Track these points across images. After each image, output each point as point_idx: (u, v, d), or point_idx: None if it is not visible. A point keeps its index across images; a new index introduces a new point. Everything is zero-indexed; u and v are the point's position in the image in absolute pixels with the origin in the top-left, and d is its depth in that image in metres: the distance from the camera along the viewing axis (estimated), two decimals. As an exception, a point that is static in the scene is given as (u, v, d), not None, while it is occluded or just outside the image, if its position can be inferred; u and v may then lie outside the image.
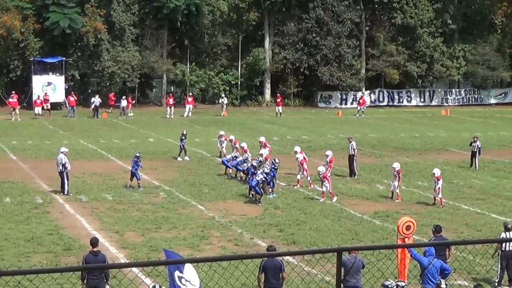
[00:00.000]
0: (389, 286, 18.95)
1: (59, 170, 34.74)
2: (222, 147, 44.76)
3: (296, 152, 38.59)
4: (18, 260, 24.31)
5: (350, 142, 41.90)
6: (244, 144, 40.80)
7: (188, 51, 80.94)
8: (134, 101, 71.74)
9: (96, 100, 68.07)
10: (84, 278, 19.05)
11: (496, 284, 22.75)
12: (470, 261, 23.83)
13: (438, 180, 32.84)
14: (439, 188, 32.91)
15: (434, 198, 33.38)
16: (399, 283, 19.11)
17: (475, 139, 44.13)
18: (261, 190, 33.61)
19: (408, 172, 40.02)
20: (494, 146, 53.91)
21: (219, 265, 19.36)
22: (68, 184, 34.62)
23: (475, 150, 43.55)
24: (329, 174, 34.63)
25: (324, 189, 33.95)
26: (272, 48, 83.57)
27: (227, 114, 72.54)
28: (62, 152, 35.25)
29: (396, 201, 34.02)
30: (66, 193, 34.20)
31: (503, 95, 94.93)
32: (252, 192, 33.93)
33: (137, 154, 36.87)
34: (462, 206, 33.49)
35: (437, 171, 33.12)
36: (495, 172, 42.81)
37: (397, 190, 34.27)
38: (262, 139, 42.80)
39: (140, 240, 27.15)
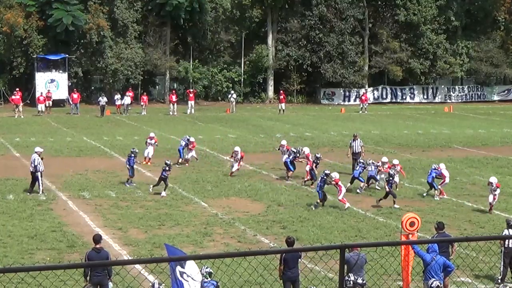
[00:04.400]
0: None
1: (31, 170, 34.27)
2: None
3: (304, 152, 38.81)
4: (21, 257, 24.35)
5: (355, 140, 41.90)
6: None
7: (191, 48, 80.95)
8: (146, 100, 71.52)
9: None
10: (87, 275, 19.08)
11: (499, 281, 22.75)
12: (473, 258, 23.84)
13: (498, 187, 31.56)
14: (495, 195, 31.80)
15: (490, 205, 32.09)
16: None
17: None
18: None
19: (411, 169, 40.07)
20: (497, 143, 53.96)
21: (222, 262, 19.43)
22: (40, 185, 34.01)
23: None
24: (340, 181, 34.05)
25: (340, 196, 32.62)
26: (275, 45, 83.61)
27: (234, 111, 72.44)
28: (36, 152, 34.75)
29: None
30: (40, 192, 33.75)
31: (506, 92, 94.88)
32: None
33: (135, 151, 37.00)
34: (465, 203, 33.53)
35: (494, 180, 31.59)
36: (499, 169, 42.78)
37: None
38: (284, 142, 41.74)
39: (143, 237, 27.18)
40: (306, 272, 21.13)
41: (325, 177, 32.58)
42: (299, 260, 20.14)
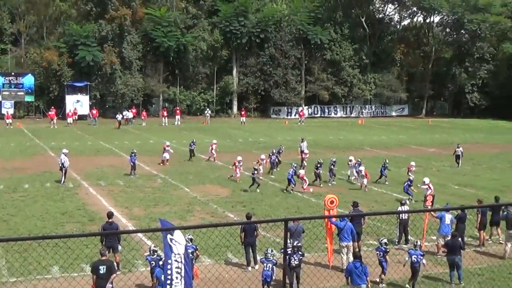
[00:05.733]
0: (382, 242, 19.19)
1: (59, 166, 34.04)
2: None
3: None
4: (55, 228, 24.14)
5: (303, 142, 42.40)
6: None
7: (178, 78, 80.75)
8: (145, 115, 71.28)
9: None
10: (103, 241, 18.97)
11: (396, 243, 22.93)
12: (378, 227, 24.04)
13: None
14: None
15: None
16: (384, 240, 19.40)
17: (458, 145, 44.19)
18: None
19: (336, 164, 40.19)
20: (395, 146, 54.35)
21: (200, 231, 19.41)
22: (65, 177, 33.66)
23: (459, 154, 43.34)
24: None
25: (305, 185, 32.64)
26: (238, 75, 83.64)
27: (208, 123, 72.52)
28: (63, 153, 34.35)
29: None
30: (62, 183, 33.26)
31: (401, 109, 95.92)
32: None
33: (134, 151, 37.02)
34: (373, 188, 33.74)
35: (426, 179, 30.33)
36: (396, 164, 43.08)
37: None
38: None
39: (143, 213, 27.05)
40: (260, 238, 21.15)
41: (295, 170, 33.18)
42: (255, 229, 20.15)
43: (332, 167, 35.36)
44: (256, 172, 32.85)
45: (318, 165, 34.87)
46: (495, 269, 20.17)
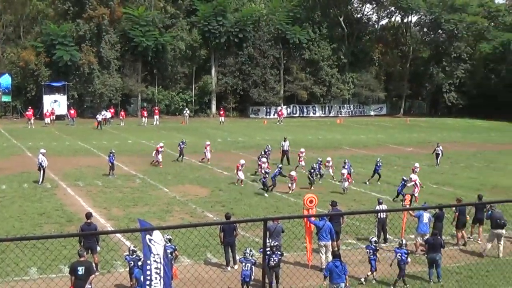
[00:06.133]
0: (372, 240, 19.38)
1: (37, 166, 33.78)
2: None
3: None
4: (33, 229, 23.93)
5: (285, 142, 42.43)
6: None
7: (156, 77, 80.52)
8: (123, 115, 71.07)
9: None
10: (81, 242, 18.84)
11: (375, 242, 23.03)
12: (357, 226, 24.11)
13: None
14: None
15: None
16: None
17: (438, 144, 44.44)
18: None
19: (313, 162, 40.18)
20: (373, 145, 54.59)
21: (179, 231, 19.34)
22: (43, 177, 33.43)
23: (439, 152, 43.58)
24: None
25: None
26: (217, 75, 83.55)
27: (187, 123, 72.36)
28: (41, 153, 34.01)
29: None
30: (40, 183, 33.03)
31: (379, 108, 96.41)
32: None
33: (112, 151, 36.73)
34: (351, 187, 33.77)
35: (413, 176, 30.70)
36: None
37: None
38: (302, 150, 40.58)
39: (122, 213, 26.90)
40: (240, 238, 21.14)
41: (281, 171, 33.45)
42: (235, 229, 20.11)
43: (318, 167, 35.55)
44: (267, 176, 32.48)
45: (312, 170, 34.37)
46: (473, 267, 20.31)
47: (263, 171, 33.42)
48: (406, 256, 18.93)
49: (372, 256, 19.15)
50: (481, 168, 43.06)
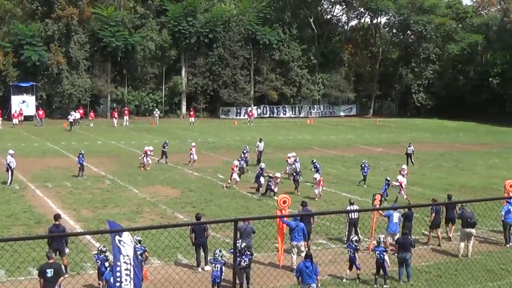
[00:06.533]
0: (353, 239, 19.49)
1: (5, 168, 33.47)
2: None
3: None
4: (1, 231, 23.66)
5: (260, 142, 42.42)
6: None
7: (126, 78, 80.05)
8: (93, 115, 70.53)
9: (72, 114, 66.49)
10: (50, 243, 18.67)
11: (345, 241, 23.12)
12: (327, 226, 24.21)
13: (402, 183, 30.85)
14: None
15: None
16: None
17: (410, 144, 44.64)
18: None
19: (284, 163, 40.25)
20: (343, 145, 54.85)
21: (149, 232, 19.26)
22: (11, 179, 33.14)
23: (410, 152, 43.80)
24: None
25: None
26: (187, 76, 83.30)
27: (157, 123, 72.02)
28: (9, 154, 33.63)
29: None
30: (8, 184, 32.75)
31: (349, 109, 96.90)
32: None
33: (81, 152, 36.40)
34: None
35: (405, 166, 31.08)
36: (344, 163, 43.60)
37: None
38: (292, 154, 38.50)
39: (92, 215, 26.70)
40: (210, 239, 21.10)
41: (261, 172, 32.89)
42: (205, 230, 20.07)
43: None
44: (271, 180, 31.83)
45: (295, 173, 33.44)
46: (442, 267, 20.51)
47: (270, 175, 32.76)
48: (384, 253, 19.16)
49: (352, 255, 19.32)
50: (449, 168, 43.51)
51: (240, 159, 37.52)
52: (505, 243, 23.85)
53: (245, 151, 40.04)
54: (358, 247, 19.56)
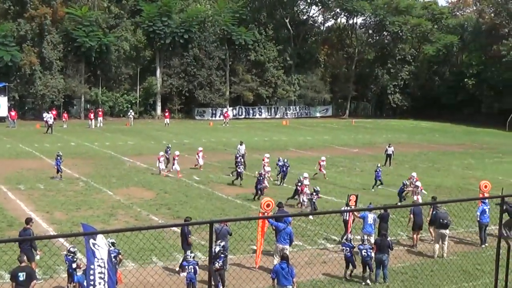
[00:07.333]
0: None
1: None
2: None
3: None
4: (-28, 234, 23.46)
5: (241, 145, 42.23)
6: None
7: (100, 78, 79.59)
8: (66, 117, 70.00)
9: (45, 116, 65.64)
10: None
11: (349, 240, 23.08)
12: (303, 228, 24.26)
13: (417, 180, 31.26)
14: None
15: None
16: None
17: (390, 145, 44.82)
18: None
19: (260, 165, 40.28)
20: (319, 146, 54.99)
21: (124, 235, 19.16)
22: None
23: (390, 153, 43.97)
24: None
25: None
26: (162, 76, 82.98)
27: (131, 124, 71.67)
28: None
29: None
30: None
31: (325, 110, 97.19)
32: None
33: (59, 154, 36.15)
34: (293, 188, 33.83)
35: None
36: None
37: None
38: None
39: (65, 218, 26.52)
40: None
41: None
42: (188, 237, 19.91)
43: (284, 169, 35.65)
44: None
45: (315, 194, 30.04)
46: (418, 268, 20.65)
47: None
48: (370, 251, 19.30)
49: (348, 254, 19.48)
50: (425, 168, 43.80)
51: (239, 163, 36.60)
52: (481, 244, 24.06)
53: (237, 156, 38.64)
54: (354, 246, 19.75)
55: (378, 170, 35.72)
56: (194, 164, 40.74)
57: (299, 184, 30.12)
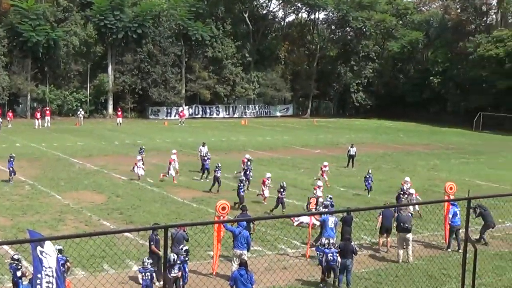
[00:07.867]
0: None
1: None
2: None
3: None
4: None
5: (203, 147, 42.00)
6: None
7: (48, 75, 78.74)
8: (11, 116, 69.01)
9: None
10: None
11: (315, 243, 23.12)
12: (263, 232, 24.31)
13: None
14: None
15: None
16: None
17: (352, 145, 44.97)
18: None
19: (211, 165, 40.20)
20: (279, 147, 55.16)
21: (73, 241, 18.96)
22: None
23: (352, 154, 44.12)
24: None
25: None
26: (114, 73, 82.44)
27: (81, 124, 71.02)
28: None
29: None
30: None
31: (285, 109, 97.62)
32: None
33: (12, 155, 35.63)
34: (259, 192, 33.91)
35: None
36: (281, 166, 43.84)
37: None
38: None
39: (10, 223, 26.16)
40: (138, 247, 20.91)
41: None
42: (153, 246, 19.67)
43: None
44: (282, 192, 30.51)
45: (282, 190, 29.75)
46: (382, 273, 20.80)
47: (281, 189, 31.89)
48: (337, 254, 19.39)
49: (321, 259, 19.73)
50: (389, 170, 44.23)
51: (246, 170, 35.65)
52: (447, 247, 24.35)
53: (245, 164, 36.99)
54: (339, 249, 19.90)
55: (368, 176, 34.88)
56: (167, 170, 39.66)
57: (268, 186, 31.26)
